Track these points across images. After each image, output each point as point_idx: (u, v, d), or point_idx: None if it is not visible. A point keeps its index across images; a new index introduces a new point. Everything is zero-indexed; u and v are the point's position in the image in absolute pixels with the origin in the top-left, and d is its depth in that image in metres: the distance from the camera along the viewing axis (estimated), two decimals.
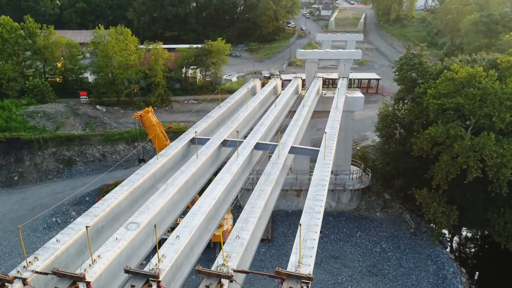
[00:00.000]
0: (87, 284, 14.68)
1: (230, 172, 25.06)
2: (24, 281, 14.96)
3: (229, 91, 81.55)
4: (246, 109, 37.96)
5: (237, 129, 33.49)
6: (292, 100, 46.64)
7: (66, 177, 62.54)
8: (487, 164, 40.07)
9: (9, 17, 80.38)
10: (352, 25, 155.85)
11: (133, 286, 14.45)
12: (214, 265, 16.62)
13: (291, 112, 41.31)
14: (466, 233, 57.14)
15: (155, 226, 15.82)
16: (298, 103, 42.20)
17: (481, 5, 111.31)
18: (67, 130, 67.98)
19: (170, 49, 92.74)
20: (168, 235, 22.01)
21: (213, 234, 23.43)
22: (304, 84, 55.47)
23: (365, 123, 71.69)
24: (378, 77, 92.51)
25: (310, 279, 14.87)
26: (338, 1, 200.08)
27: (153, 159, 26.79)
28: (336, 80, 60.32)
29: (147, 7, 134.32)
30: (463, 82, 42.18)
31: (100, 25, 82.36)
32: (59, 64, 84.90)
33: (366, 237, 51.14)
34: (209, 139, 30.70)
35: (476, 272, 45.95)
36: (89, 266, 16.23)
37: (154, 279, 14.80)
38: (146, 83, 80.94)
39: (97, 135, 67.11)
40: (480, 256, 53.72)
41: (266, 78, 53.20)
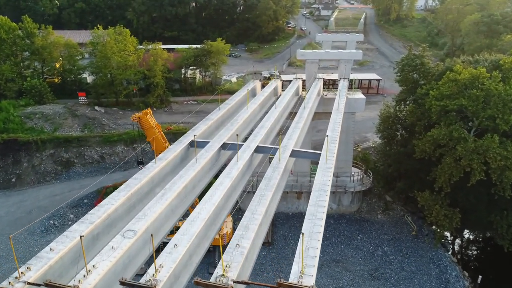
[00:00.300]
0: None
1: (230, 177, 24.47)
2: None
3: (229, 92, 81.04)
4: (246, 111, 37.39)
5: (237, 131, 32.92)
6: (293, 102, 46.09)
7: (64, 179, 61.91)
8: (491, 167, 39.49)
9: (7, 17, 79.67)
10: (352, 25, 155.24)
11: None
12: (213, 276, 15.99)
13: (292, 114, 40.77)
14: (469, 236, 56.55)
15: (152, 236, 15.16)
16: (299, 105, 41.61)
17: (482, 5, 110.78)
18: (65, 132, 67.35)
19: (170, 50, 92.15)
20: (169, 238, 21.42)
21: None
22: (305, 85, 54.92)
23: (366, 124, 71.09)
24: (379, 78, 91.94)
25: None
26: (338, 1, 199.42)
27: (151, 163, 26.19)
28: (337, 81, 59.81)
29: (147, 7, 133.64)
30: (466, 84, 41.60)
31: (99, 25, 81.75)
32: (58, 65, 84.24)
33: (368, 240, 50.55)
34: (209, 142, 30.12)
35: (479, 276, 45.25)
36: (84, 277, 15.64)
37: None
38: (145, 84, 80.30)
39: (96, 137, 66.47)
40: (483, 259, 53.13)
41: (266, 79, 52.79)
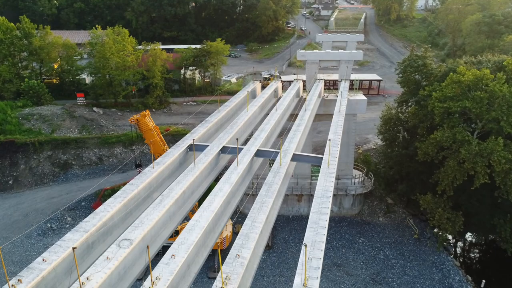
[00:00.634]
0: None
1: (230, 183, 23.78)
2: None
3: (229, 93, 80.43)
4: (246, 113, 36.70)
5: (237, 135, 32.28)
6: (294, 103, 45.39)
7: (62, 181, 61.18)
8: (495, 170, 38.81)
9: (5, 18, 78.98)
10: (352, 25, 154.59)
11: None
12: None
13: (293, 116, 40.08)
14: (471, 239, 55.86)
15: (148, 248, 14.47)
16: (300, 107, 40.91)
17: (483, 5, 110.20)
18: (63, 133, 66.63)
19: (169, 50, 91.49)
20: (169, 242, 20.77)
21: None
22: (305, 86, 54.26)
23: (367, 126, 70.45)
24: (380, 78, 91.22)
25: None
26: (338, 1, 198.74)
27: (149, 168, 25.50)
28: (337, 82, 59.13)
29: (146, 7, 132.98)
30: (470, 85, 40.91)
31: (98, 26, 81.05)
32: (56, 65, 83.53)
33: (369, 244, 49.87)
34: (208, 146, 29.43)
35: (483, 280, 44.65)
36: None
37: None
38: (144, 85, 79.62)
39: (94, 138, 65.74)
40: (486, 263, 52.44)
41: (266, 79, 52.28)
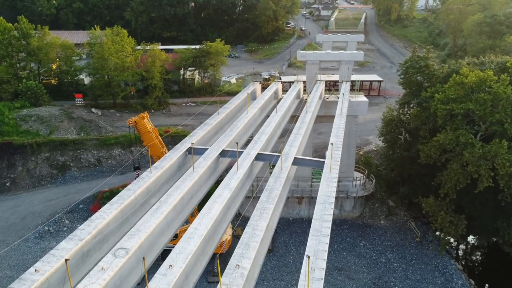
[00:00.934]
0: None
1: (229, 188, 23.16)
2: None
3: (228, 93, 79.82)
4: (246, 116, 36.08)
5: (237, 137, 31.69)
6: (294, 105, 44.78)
7: (60, 183, 60.51)
8: (499, 173, 38.20)
9: (2, 18, 78.29)
10: (353, 26, 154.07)
11: None
12: None
13: (293, 117, 39.48)
14: (473, 242, 55.24)
15: (144, 260, 13.85)
16: (301, 109, 40.29)
17: (484, 5, 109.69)
18: (61, 134, 65.94)
19: (168, 50, 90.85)
20: (170, 246, 20.16)
21: None
22: (305, 87, 53.67)
23: (368, 127, 69.85)
24: (380, 79, 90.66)
25: None
26: (338, 1, 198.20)
27: (146, 172, 24.89)
28: (337, 82, 58.55)
29: (145, 7, 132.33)
30: (473, 87, 40.30)
31: (96, 26, 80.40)
32: (54, 66, 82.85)
33: (371, 247, 49.25)
34: (207, 150, 28.81)
35: (486, 285, 44.14)
36: None
37: None
38: (143, 86, 78.96)
39: (92, 140, 65.07)
40: (489, 266, 51.79)
41: (266, 80, 51.58)
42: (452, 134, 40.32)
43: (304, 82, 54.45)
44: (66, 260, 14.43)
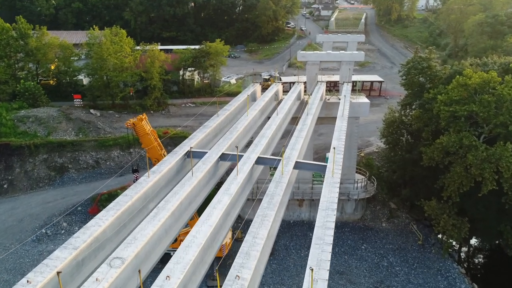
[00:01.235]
0: None
1: (229, 194, 22.55)
2: None
3: (228, 94, 79.16)
4: (246, 118, 35.46)
5: (237, 140, 31.11)
6: (295, 107, 44.18)
7: (58, 185, 59.86)
8: (503, 176, 37.59)
9: (0, 18, 77.63)
10: (353, 26, 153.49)
11: None
12: None
13: (294, 119, 38.83)
14: (477, 245, 54.62)
15: (140, 272, 13.23)
16: (302, 111, 39.66)
17: (485, 5, 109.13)
18: (60, 136, 65.27)
19: (167, 50, 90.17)
20: (171, 249, 19.56)
21: None
22: (306, 87, 53.06)
23: (369, 128, 69.23)
24: (381, 80, 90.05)
25: None
26: (338, 1, 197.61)
27: (144, 177, 24.26)
28: (338, 83, 57.96)
29: (144, 7, 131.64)
30: (477, 88, 39.69)
31: (95, 26, 79.74)
32: (53, 66, 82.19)
33: (372, 250, 48.62)
34: (206, 153, 28.18)
35: None
36: None
37: None
38: (142, 86, 78.29)
39: (91, 141, 64.42)
40: (492, 270, 51.18)
41: (266, 81, 50.92)
42: (456, 137, 39.72)
43: (305, 83, 53.85)
44: (58, 273, 13.78)
